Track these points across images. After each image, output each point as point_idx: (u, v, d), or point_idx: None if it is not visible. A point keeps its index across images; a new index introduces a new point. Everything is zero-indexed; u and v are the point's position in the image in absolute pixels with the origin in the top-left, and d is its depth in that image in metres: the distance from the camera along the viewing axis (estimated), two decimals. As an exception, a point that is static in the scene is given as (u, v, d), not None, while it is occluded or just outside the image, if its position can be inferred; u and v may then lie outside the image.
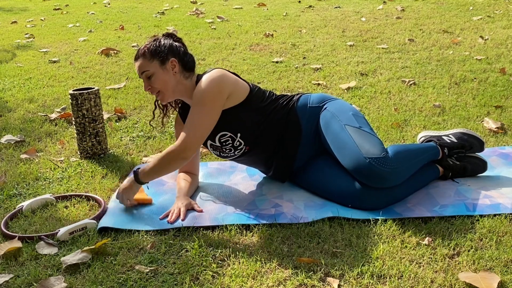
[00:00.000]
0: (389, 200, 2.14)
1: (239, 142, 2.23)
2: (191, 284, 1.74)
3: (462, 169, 2.36)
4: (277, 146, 2.29)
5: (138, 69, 2.22)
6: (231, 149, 2.26)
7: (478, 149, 2.42)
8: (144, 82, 2.23)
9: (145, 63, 2.19)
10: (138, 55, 2.21)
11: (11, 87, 4.19)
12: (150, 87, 2.21)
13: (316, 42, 5.25)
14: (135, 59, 2.23)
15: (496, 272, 1.72)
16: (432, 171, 2.33)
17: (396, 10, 6.67)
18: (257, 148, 2.27)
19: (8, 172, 2.68)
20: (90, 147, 2.80)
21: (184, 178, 2.34)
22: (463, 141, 2.40)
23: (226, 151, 2.27)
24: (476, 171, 2.39)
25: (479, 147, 2.42)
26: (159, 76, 2.19)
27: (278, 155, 2.31)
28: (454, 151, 2.38)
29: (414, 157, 2.22)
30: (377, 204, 2.11)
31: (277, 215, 2.11)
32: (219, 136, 2.23)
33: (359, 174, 2.10)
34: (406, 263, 1.79)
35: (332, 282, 1.70)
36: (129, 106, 3.59)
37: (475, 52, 4.50)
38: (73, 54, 5.24)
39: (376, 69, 4.20)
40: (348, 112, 2.27)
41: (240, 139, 2.23)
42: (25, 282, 1.79)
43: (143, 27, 6.52)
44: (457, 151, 2.38)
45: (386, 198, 2.13)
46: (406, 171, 2.16)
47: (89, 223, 2.09)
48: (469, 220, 2.01)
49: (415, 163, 2.22)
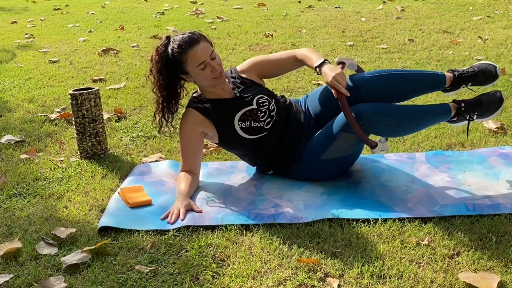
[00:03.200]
0: (386, 111, 2.23)
1: (273, 106, 2.36)
2: (191, 284, 1.74)
3: (477, 102, 2.28)
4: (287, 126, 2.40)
5: (206, 49, 2.23)
6: (266, 111, 2.34)
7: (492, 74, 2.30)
8: (209, 65, 2.23)
9: (208, 44, 2.26)
10: (197, 39, 2.23)
11: (11, 87, 4.19)
12: (218, 65, 2.26)
13: (316, 42, 5.25)
14: (195, 42, 2.22)
15: (496, 272, 1.72)
16: (441, 105, 2.33)
17: (396, 10, 6.67)
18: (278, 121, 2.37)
19: (8, 172, 2.68)
20: (90, 147, 2.80)
21: (185, 178, 2.34)
22: (474, 66, 2.33)
23: (260, 115, 2.33)
24: (492, 104, 2.27)
25: (493, 72, 2.30)
26: (218, 56, 2.29)
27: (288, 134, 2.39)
28: (465, 73, 2.29)
29: (404, 71, 2.33)
30: (372, 110, 2.20)
31: (276, 215, 2.11)
32: (257, 98, 2.35)
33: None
34: (406, 263, 1.79)
35: (332, 282, 1.70)
36: (129, 106, 3.59)
37: (475, 52, 4.50)
38: (73, 54, 5.24)
39: (376, 69, 4.20)
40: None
41: (274, 104, 2.37)
42: (25, 282, 1.79)
43: (143, 27, 6.52)
44: (468, 73, 2.29)
45: (382, 107, 2.23)
46: (392, 77, 2.28)
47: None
48: (469, 220, 2.01)
49: (407, 76, 2.30)
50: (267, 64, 2.45)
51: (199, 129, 2.35)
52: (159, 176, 2.55)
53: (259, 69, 2.45)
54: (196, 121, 2.35)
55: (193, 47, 2.21)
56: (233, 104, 2.35)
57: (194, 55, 2.21)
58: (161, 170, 2.60)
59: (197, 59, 2.22)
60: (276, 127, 2.37)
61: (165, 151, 2.85)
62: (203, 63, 2.22)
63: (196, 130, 2.35)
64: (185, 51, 2.21)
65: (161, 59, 2.26)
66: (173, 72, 2.28)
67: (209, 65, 2.23)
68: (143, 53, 5.11)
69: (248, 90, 2.38)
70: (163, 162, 2.69)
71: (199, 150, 2.40)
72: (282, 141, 2.39)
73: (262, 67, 2.45)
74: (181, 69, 2.26)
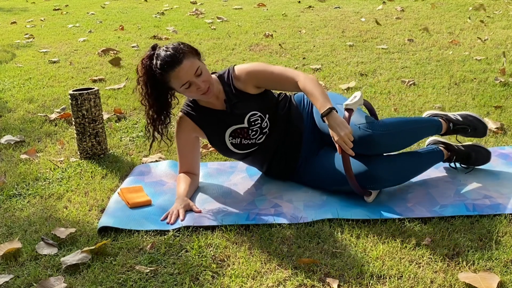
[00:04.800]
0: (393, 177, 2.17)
1: (266, 123, 2.28)
2: (191, 284, 1.74)
3: (466, 156, 2.38)
4: (285, 136, 2.34)
5: (189, 69, 2.11)
6: (258, 130, 2.27)
7: (481, 133, 2.43)
8: (194, 83, 2.13)
9: (194, 61, 2.13)
10: (179, 59, 2.10)
11: (11, 87, 4.19)
12: (204, 82, 2.14)
13: (316, 42, 5.25)
14: (177, 63, 2.10)
15: (496, 272, 1.72)
16: (437, 152, 2.36)
17: (396, 10, 6.67)
18: (274, 134, 2.31)
19: (8, 172, 2.68)
20: (90, 148, 2.80)
21: (184, 178, 2.34)
22: (468, 121, 2.42)
23: (251, 134, 2.27)
24: (480, 160, 2.40)
25: (482, 131, 2.43)
26: (205, 68, 2.18)
27: (285, 146, 2.34)
28: (458, 126, 2.39)
29: (408, 123, 2.29)
30: (388, 175, 2.14)
31: (276, 215, 2.11)
32: (249, 116, 2.25)
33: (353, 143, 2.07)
34: (406, 263, 1.79)
35: (331, 282, 1.70)
36: (129, 106, 3.59)
37: (475, 53, 4.50)
38: (73, 54, 5.24)
39: (376, 69, 4.20)
40: (339, 96, 2.39)
41: (267, 120, 2.28)
42: (25, 282, 1.79)
43: (143, 27, 6.52)
44: (461, 127, 2.39)
45: (394, 168, 2.16)
46: (399, 134, 2.20)
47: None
48: (469, 220, 2.01)
49: (412, 130, 2.27)
50: (266, 79, 2.28)
51: (193, 135, 2.35)
52: (159, 176, 2.55)
53: (257, 81, 2.28)
54: (190, 128, 2.33)
55: (175, 69, 2.10)
56: (224, 118, 2.27)
57: (176, 76, 2.11)
58: (161, 171, 2.60)
59: (179, 80, 2.12)
60: (271, 140, 2.32)
61: (165, 151, 2.85)
62: (187, 83, 2.12)
63: (190, 135, 2.34)
64: (167, 72, 2.11)
65: (146, 72, 2.18)
66: (159, 87, 2.19)
67: (194, 84, 2.13)
68: (143, 53, 5.10)
69: (241, 106, 2.26)
70: (163, 162, 2.69)
71: (196, 152, 2.40)
72: (279, 152, 2.35)
73: (260, 80, 2.28)
74: (167, 87, 2.19)
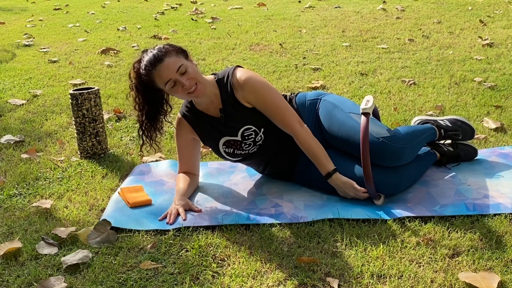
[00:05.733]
0: (404, 181, 2.23)
1: (260, 137, 2.25)
2: (191, 284, 1.74)
3: (455, 156, 2.49)
4: (283, 142, 2.30)
5: (170, 66, 2.08)
6: (251, 143, 2.26)
7: (469, 136, 2.54)
8: (178, 82, 2.10)
9: (176, 59, 2.11)
10: (160, 57, 2.09)
11: (11, 87, 4.19)
12: (189, 80, 2.10)
13: (316, 42, 5.25)
14: (158, 61, 2.08)
15: (496, 272, 1.72)
16: (431, 155, 2.45)
17: (396, 10, 6.67)
18: (269, 144, 2.28)
19: (8, 172, 2.68)
20: (90, 147, 2.80)
21: (183, 178, 2.34)
22: (457, 126, 2.52)
23: (244, 146, 2.26)
24: (468, 158, 2.53)
25: (470, 134, 2.54)
26: (192, 67, 2.14)
27: (283, 151, 2.32)
28: (449, 133, 2.48)
29: (419, 135, 2.34)
30: (395, 184, 2.19)
31: (277, 215, 2.11)
32: (243, 130, 2.23)
33: (373, 155, 2.11)
34: (406, 263, 1.79)
35: (332, 282, 1.70)
36: (129, 106, 3.59)
37: (475, 52, 4.50)
38: (73, 54, 5.24)
39: (376, 69, 4.20)
40: (347, 101, 2.36)
41: (262, 134, 2.25)
42: (25, 282, 1.79)
43: (143, 27, 6.52)
44: (452, 133, 2.48)
45: (402, 178, 2.21)
46: (415, 147, 2.28)
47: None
48: (469, 220, 2.01)
49: (420, 141, 2.34)
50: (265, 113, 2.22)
51: (190, 136, 2.35)
52: (159, 176, 2.55)
53: (255, 105, 2.21)
54: (187, 130, 2.34)
55: (156, 67, 2.09)
56: (218, 127, 2.26)
57: (158, 75, 2.10)
58: (161, 170, 2.60)
59: (161, 79, 2.10)
60: (266, 151, 2.30)
61: (165, 151, 2.85)
62: (170, 81, 2.09)
63: (187, 136, 2.35)
64: (150, 72, 2.10)
65: (136, 76, 2.16)
66: (148, 89, 2.18)
67: (179, 82, 2.10)
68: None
69: (236, 117, 2.22)
70: (163, 162, 2.69)
71: (195, 152, 2.40)
72: (276, 157, 2.34)
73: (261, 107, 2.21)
74: (154, 88, 2.16)
